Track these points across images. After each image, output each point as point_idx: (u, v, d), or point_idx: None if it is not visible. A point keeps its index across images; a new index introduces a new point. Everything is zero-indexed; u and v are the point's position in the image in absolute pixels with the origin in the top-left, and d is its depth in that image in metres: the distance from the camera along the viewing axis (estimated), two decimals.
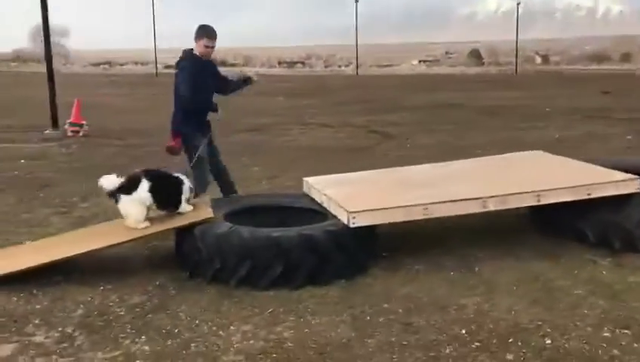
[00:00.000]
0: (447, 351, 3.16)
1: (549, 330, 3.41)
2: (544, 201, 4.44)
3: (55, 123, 11.47)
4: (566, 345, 3.24)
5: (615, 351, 3.18)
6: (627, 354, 3.16)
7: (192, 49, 5.36)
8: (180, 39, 7.51)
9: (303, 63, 57.18)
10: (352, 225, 4.05)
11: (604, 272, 4.31)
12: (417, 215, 4.22)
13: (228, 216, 4.45)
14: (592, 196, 4.52)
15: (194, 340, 3.24)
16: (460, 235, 5.11)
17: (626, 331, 3.41)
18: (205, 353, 3.10)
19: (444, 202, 4.23)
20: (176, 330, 3.36)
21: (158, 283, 4.03)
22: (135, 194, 4.30)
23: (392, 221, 4.21)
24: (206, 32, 5.31)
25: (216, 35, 5.34)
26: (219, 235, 3.94)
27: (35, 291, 3.88)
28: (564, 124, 12.95)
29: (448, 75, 35.61)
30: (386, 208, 4.15)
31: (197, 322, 3.46)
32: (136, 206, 4.31)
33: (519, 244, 4.82)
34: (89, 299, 3.80)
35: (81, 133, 11.54)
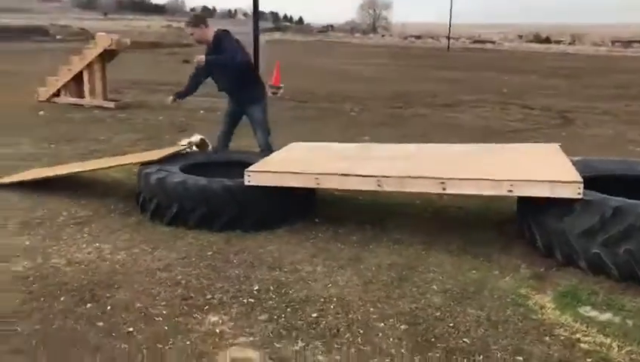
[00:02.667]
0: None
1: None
2: (449, 191, 4.08)
3: None
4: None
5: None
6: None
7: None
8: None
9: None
10: (246, 183, 4.41)
11: (475, 272, 3.87)
12: (310, 183, 4.32)
13: (191, 165, 5.14)
14: (513, 193, 4.00)
15: (52, 247, 4.12)
16: (425, 219, 4.98)
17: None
18: (40, 251, 4.01)
19: (335, 174, 4.25)
20: (64, 237, 4.31)
21: (112, 206, 5.02)
22: None
23: (283, 185, 4.38)
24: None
25: (190, 22, 5.62)
26: (155, 180, 4.61)
27: (35, 195, 5.23)
28: None
29: None
30: (278, 172, 4.37)
31: (81, 236, 4.34)
32: None
33: (464, 237, 4.50)
34: (54, 207, 4.97)
35: (278, 95, 13.12)
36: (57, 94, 11.05)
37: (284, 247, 4.23)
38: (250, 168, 4.44)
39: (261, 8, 15.06)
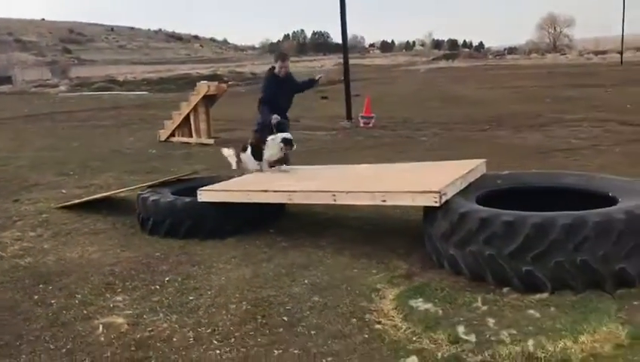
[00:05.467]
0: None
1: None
2: (339, 202, 4.77)
3: (349, 115, 14.33)
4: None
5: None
6: None
7: (274, 67, 7.37)
8: None
9: None
10: (198, 200, 5.51)
11: (356, 271, 4.46)
12: (243, 198, 5.27)
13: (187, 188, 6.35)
14: (387, 203, 4.59)
15: (57, 249, 5.53)
16: (365, 230, 5.64)
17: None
18: (47, 252, 5.43)
19: (259, 191, 5.16)
20: (72, 243, 5.74)
21: (128, 222, 6.39)
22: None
23: (223, 200, 5.38)
24: (279, 57, 7.36)
25: (285, 57, 7.39)
26: (141, 199, 5.94)
27: (84, 213, 6.80)
28: None
29: None
30: (219, 190, 5.39)
31: (83, 242, 5.74)
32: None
33: (378, 244, 5.12)
34: (87, 222, 6.47)
35: (370, 124, 14.03)
36: (173, 135, 13.12)
37: (219, 251, 5.22)
38: (204, 188, 5.52)
39: (441, 37, 16.69)
